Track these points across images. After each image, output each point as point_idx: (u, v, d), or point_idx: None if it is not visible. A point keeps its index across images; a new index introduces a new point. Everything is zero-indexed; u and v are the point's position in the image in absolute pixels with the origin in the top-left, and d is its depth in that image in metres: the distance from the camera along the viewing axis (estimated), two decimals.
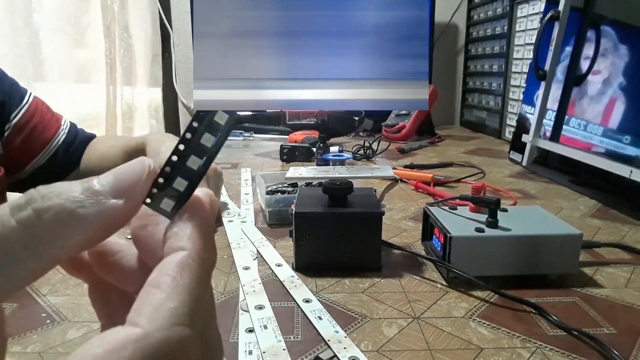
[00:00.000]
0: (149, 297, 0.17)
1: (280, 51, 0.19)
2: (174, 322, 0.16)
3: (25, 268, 0.17)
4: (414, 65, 0.19)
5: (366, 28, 0.19)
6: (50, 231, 0.17)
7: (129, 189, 0.18)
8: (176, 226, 0.19)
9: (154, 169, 0.19)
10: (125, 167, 0.19)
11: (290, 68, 0.19)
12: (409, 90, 0.19)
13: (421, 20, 0.19)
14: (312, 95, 0.19)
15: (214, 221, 0.21)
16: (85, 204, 0.17)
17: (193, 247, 0.18)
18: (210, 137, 0.19)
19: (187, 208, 0.19)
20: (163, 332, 0.16)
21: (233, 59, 0.19)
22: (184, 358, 0.16)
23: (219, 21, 0.19)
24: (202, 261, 0.18)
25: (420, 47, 0.19)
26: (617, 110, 0.89)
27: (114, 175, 0.18)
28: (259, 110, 1.71)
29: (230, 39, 0.19)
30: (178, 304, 0.17)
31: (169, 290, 0.17)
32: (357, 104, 0.19)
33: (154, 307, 0.16)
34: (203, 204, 0.20)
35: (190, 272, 0.17)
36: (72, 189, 0.17)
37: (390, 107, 0.20)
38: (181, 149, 0.19)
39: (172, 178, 0.19)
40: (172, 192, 0.19)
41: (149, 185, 0.19)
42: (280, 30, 0.19)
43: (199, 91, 0.19)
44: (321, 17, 0.19)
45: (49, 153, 0.83)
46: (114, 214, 0.18)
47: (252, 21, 0.19)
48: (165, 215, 0.19)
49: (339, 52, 0.19)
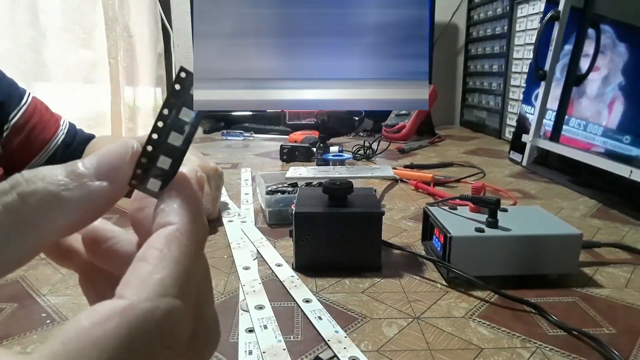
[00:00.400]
0: (135, 270, 0.17)
1: (280, 51, 0.19)
2: (160, 293, 0.16)
3: (12, 251, 0.17)
4: (414, 65, 0.19)
5: (366, 28, 0.19)
6: (35, 215, 0.17)
7: (113, 170, 0.18)
8: (163, 203, 0.19)
9: (138, 149, 0.19)
10: (108, 148, 0.19)
11: (290, 68, 0.19)
12: (409, 90, 0.19)
13: (421, 20, 0.19)
14: (312, 95, 0.19)
15: (202, 195, 0.21)
16: (69, 187, 0.17)
17: (181, 221, 0.18)
18: (189, 111, 0.19)
19: (173, 185, 0.19)
20: (149, 303, 0.15)
21: (233, 58, 0.19)
22: (172, 330, 0.16)
23: (219, 21, 0.19)
24: (190, 234, 0.18)
25: (420, 47, 0.19)
26: (617, 110, 0.89)
27: (97, 158, 0.18)
28: (259, 110, 1.71)
29: (230, 38, 0.19)
30: (165, 275, 0.16)
31: (155, 262, 0.16)
32: (357, 104, 0.19)
33: (140, 279, 0.16)
34: (188, 180, 0.20)
35: (178, 245, 0.17)
36: (56, 173, 0.17)
37: (390, 107, 0.20)
38: (160, 126, 0.19)
39: (156, 157, 0.19)
40: (157, 171, 0.19)
41: (132, 166, 0.19)
42: (280, 30, 0.19)
43: (199, 91, 0.19)
44: (321, 17, 0.19)
45: (47, 154, 0.83)
46: (99, 197, 0.18)
47: (252, 21, 0.19)
48: (152, 195, 0.19)
49: (339, 52, 0.19)
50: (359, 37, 0.19)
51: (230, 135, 1.67)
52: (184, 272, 0.17)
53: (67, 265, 0.22)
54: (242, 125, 1.82)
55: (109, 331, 0.15)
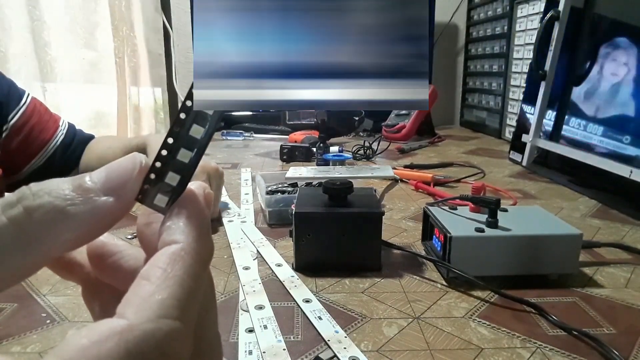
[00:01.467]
0: (137, 289, 0.16)
1: (280, 51, 0.19)
2: (162, 315, 0.16)
3: (16, 265, 0.17)
4: (414, 65, 0.19)
5: (366, 28, 0.19)
6: (40, 229, 0.16)
7: (120, 186, 0.18)
8: (169, 220, 0.18)
9: (146, 165, 0.19)
10: (116, 163, 0.18)
11: (290, 68, 0.19)
12: (409, 90, 0.19)
13: (421, 20, 0.19)
14: (312, 95, 0.19)
15: (210, 214, 0.20)
16: (75, 202, 0.17)
17: (186, 240, 0.18)
18: (199, 128, 0.19)
19: (181, 202, 0.19)
20: (149, 325, 0.15)
21: (233, 58, 0.19)
22: (172, 351, 0.16)
23: (219, 21, 0.19)
24: (195, 254, 0.17)
25: (420, 47, 0.19)
26: (617, 110, 0.89)
27: (105, 172, 0.18)
28: (259, 110, 1.71)
29: (230, 38, 0.19)
30: (167, 296, 0.16)
31: (158, 282, 0.16)
32: (357, 104, 0.19)
33: (141, 299, 0.16)
34: (196, 197, 0.19)
35: (183, 265, 0.17)
36: (63, 187, 0.17)
37: (390, 107, 0.20)
38: (170, 143, 0.19)
39: (164, 173, 0.19)
40: (165, 187, 0.19)
41: (140, 182, 0.18)
42: (280, 30, 0.19)
43: (199, 91, 0.19)
44: (321, 17, 0.19)
45: (47, 154, 0.83)
46: (105, 212, 0.18)
47: (252, 21, 0.19)
48: (159, 212, 0.19)
49: (338, 52, 0.19)
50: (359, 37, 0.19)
51: (230, 135, 1.67)
52: (187, 292, 0.17)
53: (70, 279, 0.22)
54: (242, 125, 1.82)
55: (107, 351, 0.14)
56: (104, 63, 1.57)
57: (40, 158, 0.83)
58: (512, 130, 1.36)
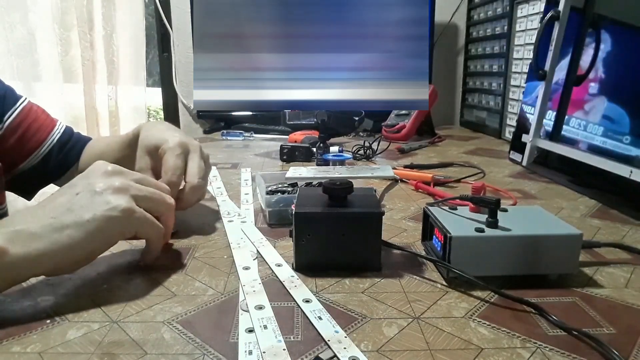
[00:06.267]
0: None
1: (280, 51, 0.19)
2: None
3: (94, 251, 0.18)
4: (414, 65, 0.19)
5: (366, 28, 0.19)
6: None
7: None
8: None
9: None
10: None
11: (291, 68, 0.19)
12: (409, 90, 0.19)
13: (421, 20, 0.19)
14: (312, 95, 0.19)
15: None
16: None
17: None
18: None
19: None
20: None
21: (233, 59, 0.19)
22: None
23: (219, 21, 0.19)
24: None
25: (420, 47, 0.19)
26: (617, 110, 0.89)
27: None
28: (259, 110, 1.71)
29: (230, 39, 0.19)
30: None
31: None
32: (357, 104, 0.19)
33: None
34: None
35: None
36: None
37: (390, 107, 0.20)
38: None
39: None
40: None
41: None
42: (281, 31, 0.19)
43: (199, 91, 0.19)
44: (321, 18, 0.19)
45: (43, 152, 0.84)
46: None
47: (252, 22, 0.19)
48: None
49: (339, 52, 0.19)
50: (359, 37, 0.19)
51: (230, 135, 1.67)
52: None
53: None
54: (242, 125, 1.82)
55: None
56: (77, 64, 1.58)
57: (36, 156, 0.83)
58: (512, 130, 1.36)
